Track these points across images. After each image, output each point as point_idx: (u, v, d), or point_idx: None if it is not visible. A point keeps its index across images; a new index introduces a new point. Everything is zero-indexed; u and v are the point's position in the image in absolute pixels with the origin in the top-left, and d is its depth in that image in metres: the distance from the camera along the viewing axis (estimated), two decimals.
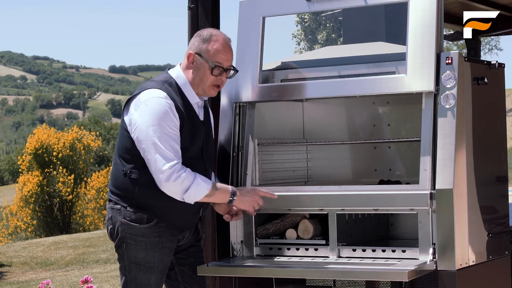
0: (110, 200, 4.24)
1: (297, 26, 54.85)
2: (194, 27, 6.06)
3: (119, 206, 4.18)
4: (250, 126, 4.72)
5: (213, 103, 5.97)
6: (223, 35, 4.27)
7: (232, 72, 4.32)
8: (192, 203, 4.12)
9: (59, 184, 21.21)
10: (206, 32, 4.27)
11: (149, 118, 4.07)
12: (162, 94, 4.13)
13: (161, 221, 4.17)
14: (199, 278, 4.43)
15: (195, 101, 4.26)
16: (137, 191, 4.14)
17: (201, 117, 4.31)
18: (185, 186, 4.07)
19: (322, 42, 52.06)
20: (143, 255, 4.18)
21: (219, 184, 4.23)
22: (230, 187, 4.24)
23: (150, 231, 4.16)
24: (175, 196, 4.09)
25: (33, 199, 21.44)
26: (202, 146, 4.29)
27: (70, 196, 21.49)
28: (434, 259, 4.17)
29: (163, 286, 4.37)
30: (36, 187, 21.33)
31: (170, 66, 4.41)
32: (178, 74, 4.26)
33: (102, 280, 10.83)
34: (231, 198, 4.18)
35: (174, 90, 4.19)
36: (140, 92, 4.17)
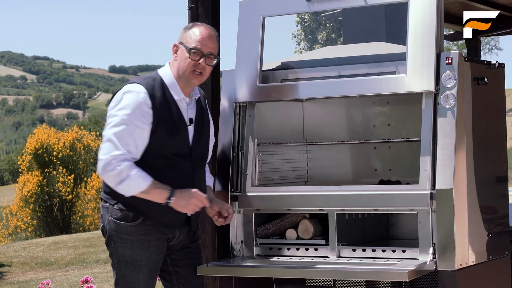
0: (101, 199, 4.29)
1: (297, 26, 54.88)
2: None
3: (107, 205, 4.22)
4: (250, 126, 4.72)
5: (213, 103, 5.98)
6: (206, 25, 4.28)
7: (214, 60, 4.25)
8: (127, 196, 4.09)
9: (59, 184, 21.21)
10: (190, 23, 4.30)
11: (118, 109, 4.12)
12: (140, 89, 4.14)
13: (147, 219, 4.17)
14: (196, 280, 4.38)
15: (180, 97, 4.23)
16: None
17: (190, 115, 4.27)
18: (120, 179, 4.05)
19: (322, 42, 52.07)
20: (130, 253, 4.19)
21: (159, 184, 4.11)
22: (169, 189, 4.11)
23: (136, 229, 4.17)
24: (110, 185, 4.11)
25: (33, 199, 21.43)
26: (191, 144, 4.25)
27: (70, 196, 21.48)
28: (434, 259, 4.17)
29: (155, 285, 4.35)
30: (36, 187, 21.31)
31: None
32: (165, 71, 4.27)
33: (102, 280, 10.83)
34: (167, 200, 4.10)
35: (158, 86, 4.19)
36: (123, 87, 4.22)
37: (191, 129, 4.26)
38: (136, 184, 4.06)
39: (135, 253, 4.18)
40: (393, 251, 4.37)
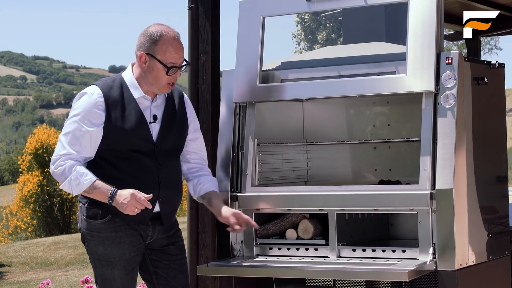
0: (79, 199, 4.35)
1: (297, 26, 54.88)
2: (194, 27, 6.07)
3: (80, 204, 4.28)
4: (250, 126, 4.72)
5: (213, 103, 5.98)
6: (172, 32, 4.23)
7: (185, 67, 4.27)
8: (74, 194, 4.15)
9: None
10: (154, 30, 4.22)
11: (72, 112, 4.23)
12: (94, 90, 4.21)
13: (115, 216, 4.18)
14: (176, 281, 4.35)
15: (140, 95, 4.24)
16: None
17: (154, 112, 4.27)
18: (63, 178, 4.12)
19: (322, 42, 52.06)
20: (102, 250, 4.22)
21: (102, 184, 4.10)
22: (111, 190, 4.09)
23: (106, 227, 4.20)
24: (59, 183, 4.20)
25: (33, 199, 21.43)
26: (155, 140, 4.25)
27: (71, 195, 21.48)
28: (434, 259, 4.17)
29: (135, 282, 4.35)
30: (36, 187, 21.32)
31: None
32: (126, 72, 4.31)
33: None
34: (109, 200, 4.09)
35: (116, 86, 4.23)
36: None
37: (155, 125, 4.27)
38: (77, 183, 4.10)
39: (107, 250, 4.21)
40: (393, 251, 4.37)
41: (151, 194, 4.10)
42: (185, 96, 4.50)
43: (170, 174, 4.32)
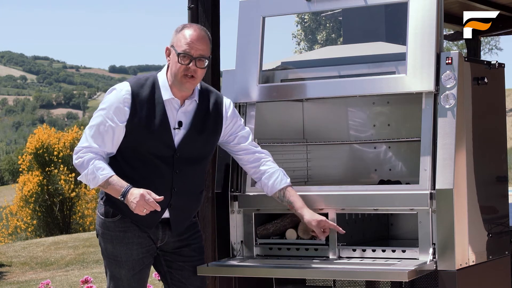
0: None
1: (297, 26, 54.86)
2: None
3: (99, 200, 4.31)
4: (250, 126, 4.72)
5: None
6: (197, 26, 4.21)
7: (206, 62, 4.18)
8: (91, 187, 4.16)
9: (61, 181, 21.21)
10: (181, 25, 4.24)
11: (100, 106, 4.22)
12: (123, 87, 4.19)
13: (125, 216, 4.19)
14: (191, 283, 4.36)
15: (167, 97, 4.19)
16: None
17: (180, 118, 4.21)
18: (82, 170, 4.13)
19: (322, 42, 52.06)
20: (111, 248, 4.24)
21: (118, 180, 4.08)
22: (124, 187, 4.06)
23: (115, 225, 4.21)
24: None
25: (33, 199, 21.43)
26: (176, 147, 4.20)
27: (74, 193, 21.48)
28: (434, 259, 4.17)
29: (145, 283, 4.35)
30: (36, 187, 21.32)
31: None
32: (162, 73, 4.28)
33: (102, 280, 10.82)
34: (121, 197, 4.07)
35: (148, 86, 4.20)
36: None
37: (179, 132, 4.21)
38: (93, 177, 4.10)
39: (115, 249, 4.22)
40: (393, 251, 4.37)
41: (163, 197, 4.06)
42: (226, 101, 4.39)
43: (186, 182, 4.26)
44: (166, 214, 4.24)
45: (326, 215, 4.47)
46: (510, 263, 4.78)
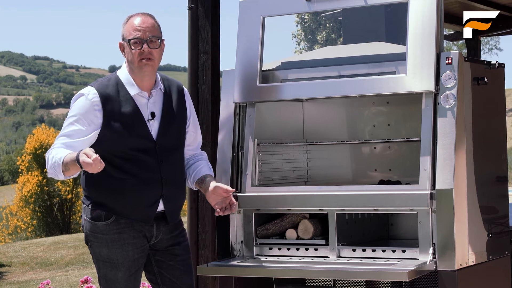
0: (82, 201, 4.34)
1: (297, 26, 54.83)
2: (194, 27, 6.07)
3: (84, 205, 4.27)
4: (250, 126, 4.72)
5: (213, 103, 5.98)
6: (141, 13, 4.25)
7: (158, 42, 4.21)
8: (60, 178, 4.14)
9: (59, 183, 21.21)
10: (126, 17, 4.28)
11: (69, 113, 4.23)
12: (89, 91, 4.20)
13: (119, 217, 4.18)
14: (181, 282, 4.34)
15: (137, 92, 4.22)
16: (91, 188, 4.22)
17: (152, 109, 4.25)
18: (48, 167, 4.13)
19: (322, 42, 52.05)
20: (106, 252, 4.21)
21: (68, 156, 4.03)
22: (74, 155, 4.00)
23: (109, 228, 4.19)
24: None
25: (33, 199, 21.44)
26: (155, 138, 4.23)
27: (70, 195, 21.48)
28: (434, 259, 4.17)
29: (139, 284, 4.35)
30: (36, 187, 21.33)
31: None
32: (121, 70, 4.30)
33: None
34: (79, 165, 3.99)
35: (112, 85, 4.22)
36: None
37: (154, 123, 4.25)
38: (53, 167, 4.07)
39: (111, 252, 4.20)
40: (393, 251, 4.37)
41: (97, 155, 3.91)
42: (185, 89, 4.47)
43: (172, 171, 4.29)
44: (160, 207, 4.26)
45: (326, 215, 4.47)
46: (510, 263, 4.78)
